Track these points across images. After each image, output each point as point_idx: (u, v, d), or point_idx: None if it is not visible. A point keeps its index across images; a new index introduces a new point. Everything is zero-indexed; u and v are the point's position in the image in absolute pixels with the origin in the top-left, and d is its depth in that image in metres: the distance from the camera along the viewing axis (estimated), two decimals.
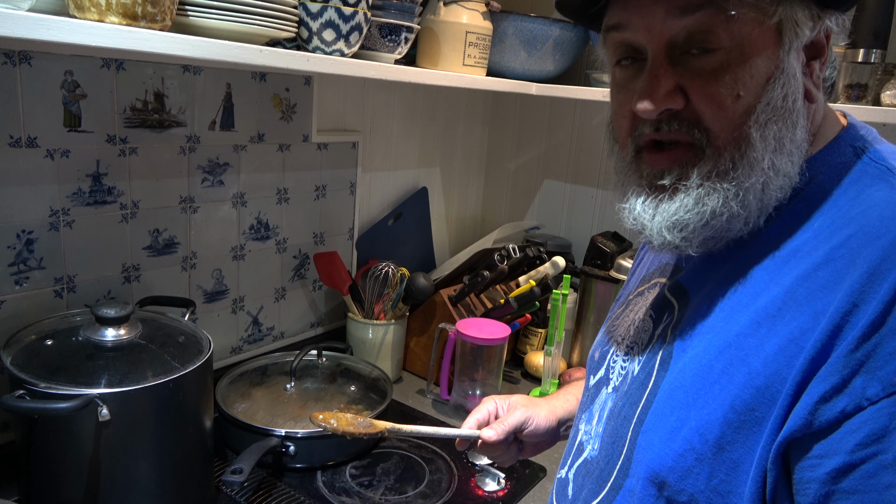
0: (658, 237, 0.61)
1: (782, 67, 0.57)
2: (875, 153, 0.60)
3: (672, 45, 0.57)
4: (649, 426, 0.61)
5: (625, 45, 0.61)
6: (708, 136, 0.58)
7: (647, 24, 0.57)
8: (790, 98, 0.57)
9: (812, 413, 0.51)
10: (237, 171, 1.32)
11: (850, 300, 0.51)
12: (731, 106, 0.56)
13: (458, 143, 1.93)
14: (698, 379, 0.58)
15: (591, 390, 0.77)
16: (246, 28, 0.88)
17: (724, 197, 0.57)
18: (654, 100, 0.57)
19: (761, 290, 0.58)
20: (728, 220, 0.58)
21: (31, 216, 1.03)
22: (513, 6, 1.53)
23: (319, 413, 0.81)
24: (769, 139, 0.57)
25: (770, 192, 0.58)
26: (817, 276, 0.54)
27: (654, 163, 0.61)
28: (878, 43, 1.17)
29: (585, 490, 0.70)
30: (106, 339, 0.91)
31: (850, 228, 0.55)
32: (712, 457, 0.56)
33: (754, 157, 0.57)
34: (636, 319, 0.73)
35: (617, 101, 0.64)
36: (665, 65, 0.57)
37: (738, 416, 0.55)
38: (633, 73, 0.61)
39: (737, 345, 0.57)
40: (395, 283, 1.45)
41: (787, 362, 0.53)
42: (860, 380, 0.49)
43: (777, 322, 0.55)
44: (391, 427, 0.83)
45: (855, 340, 0.50)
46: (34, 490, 0.88)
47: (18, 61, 0.97)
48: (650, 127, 0.60)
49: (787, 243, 0.58)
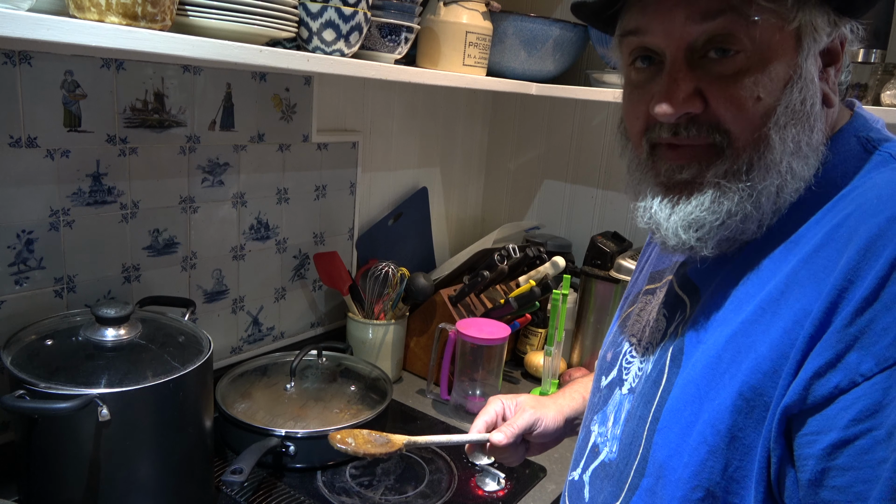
0: (673, 237, 0.61)
1: (800, 72, 0.57)
2: (879, 142, 0.61)
3: (691, 48, 0.57)
4: (664, 424, 0.61)
5: (641, 48, 0.61)
6: (729, 138, 0.58)
7: (667, 29, 0.57)
8: (808, 102, 0.57)
9: (807, 388, 0.51)
10: (237, 171, 1.32)
11: (846, 277, 0.51)
12: (752, 108, 0.56)
13: (458, 143, 1.93)
14: (708, 371, 0.58)
15: (604, 391, 0.77)
16: (246, 28, 0.88)
17: (739, 197, 0.58)
18: (673, 103, 0.57)
19: (767, 278, 0.58)
20: (742, 221, 0.59)
21: (31, 216, 1.03)
22: (513, 6, 1.53)
23: (337, 433, 0.82)
24: (788, 142, 0.57)
25: (784, 195, 0.59)
26: (818, 257, 0.54)
27: (672, 159, 0.60)
28: (878, 43, 1.17)
29: (604, 493, 0.69)
30: (106, 339, 0.91)
31: (849, 209, 0.55)
32: (725, 447, 0.56)
33: (772, 160, 0.57)
34: (650, 320, 0.72)
35: (630, 102, 0.64)
36: (684, 68, 0.57)
37: (747, 403, 0.55)
38: (650, 76, 0.61)
39: (743, 332, 0.57)
40: (395, 283, 1.45)
41: (791, 343, 0.53)
42: (854, 355, 0.50)
43: (781, 306, 0.55)
44: (408, 441, 0.83)
45: (849, 316, 0.50)
46: (34, 490, 0.88)
47: (18, 61, 0.97)
48: (668, 131, 0.59)
49: (794, 234, 0.59)
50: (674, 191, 0.61)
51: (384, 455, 0.82)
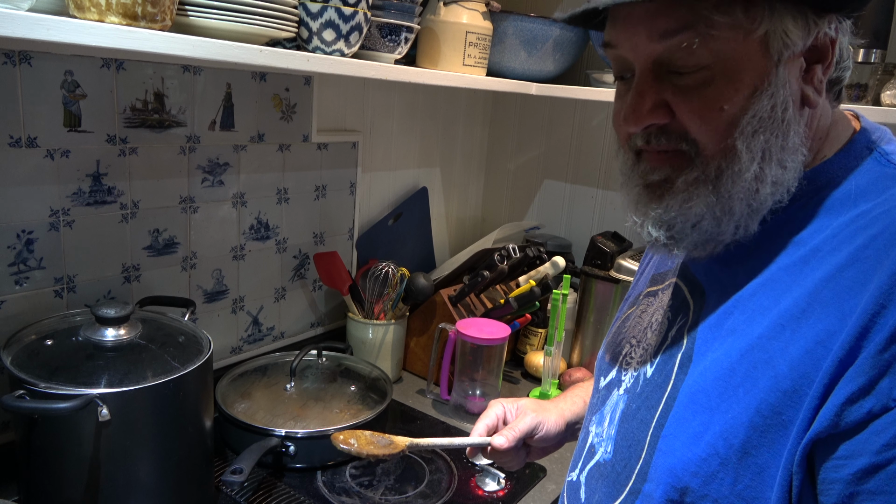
0: (647, 234, 0.63)
1: (770, 79, 0.57)
2: (893, 155, 0.61)
3: (658, 62, 0.59)
4: (670, 430, 0.61)
5: (620, 59, 0.63)
6: (697, 147, 0.59)
7: (633, 45, 0.60)
8: (780, 107, 0.58)
9: (839, 414, 0.51)
10: (237, 171, 1.32)
11: (877, 301, 0.51)
12: (716, 119, 0.58)
13: (458, 143, 1.93)
14: (721, 382, 0.58)
15: (602, 392, 0.77)
16: (246, 28, 0.88)
17: (706, 202, 0.59)
18: (637, 116, 0.60)
19: (783, 291, 0.58)
20: (716, 225, 0.60)
21: (31, 216, 1.03)
22: (513, 6, 1.53)
23: (340, 434, 0.82)
24: (755, 150, 0.58)
25: (760, 199, 0.59)
26: (843, 278, 0.54)
27: (650, 161, 0.63)
28: (878, 43, 1.17)
29: (599, 493, 0.69)
30: (106, 339, 0.91)
31: (874, 229, 0.55)
32: (737, 461, 0.56)
33: (739, 168, 0.58)
34: (653, 322, 0.72)
35: (615, 111, 0.66)
36: (650, 81, 0.59)
37: (764, 420, 0.55)
38: (627, 88, 0.63)
39: (760, 347, 0.57)
40: (395, 283, 1.45)
41: (814, 364, 0.53)
42: (887, 381, 0.49)
43: (801, 324, 0.55)
44: (410, 443, 0.83)
45: (883, 342, 0.50)
46: (34, 490, 0.88)
47: (18, 61, 0.97)
48: (641, 139, 0.62)
49: (806, 243, 0.59)
50: (649, 190, 0.63)
51: (386, 456, 0.82)
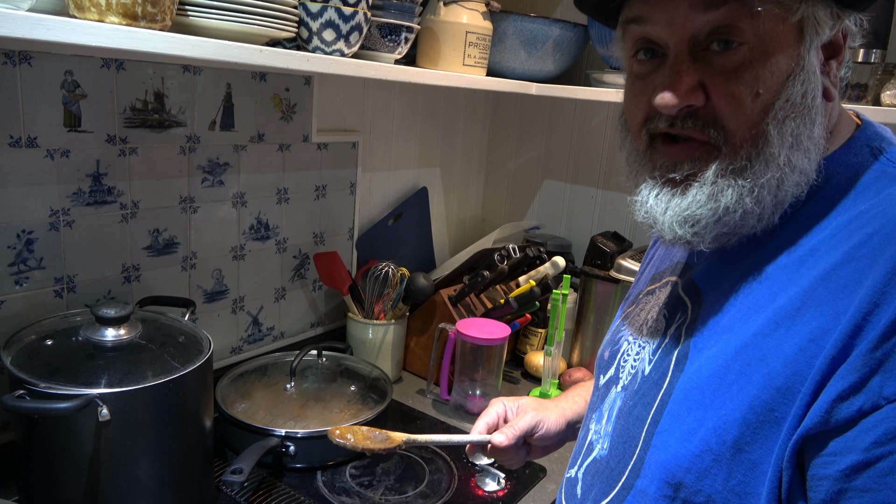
0: (669, 231, 0.61)
1: (802, 64, 0.57)
2: (893, 153, 0.61)
3: (694, 40, 0.57)
4: (665, 426, 0.61)
5: (644, 39, 0.61)
6: (724, 135, 0.58)
7: (670, 19, 0.57)
8: (809, 95, 0.57)
9: (829, 411, 0.51)
10: (237, 171, 1.32)
11: (871, 300, 0.51)
12: (751, 105, 0.56)
13: (458, 143, 1.93)
14: (715, 379, 0.58)
15: (601, 389, 0.77)
16: (246, 28, 0.88)
17: (738, 193, 0.58)
18: (676, 94, 0.57)
19: (779, 290, 0.58)
20: (742, 217, 0.58)
21: (31, 216, 1.03)
22: (513, 6, 1.53)
23: (336, 428, 0.82)
24: (786, 136, 0.57)
25: (785, 189, 0.58)
26: (838, 276, 0.54)
27: (668, 155, 0.61)
28: (878, 43, 1.16)
29: (595, 489, 0.69)
30: (106, 339, 0.91)
31: (870, 227, 0.55)
32: (730, 457, 0.56)
33: (771, 154, 0.57)
34: (649, 319, 0.72)
35: (632, 93, 0.64)
36: (687, 60, 0.57)
37: (757, 417, 0.55)
38: (653, 68, 0.61)
39: (754, 345, 0.57)
40: (395, 283, 1.45)
41: (807, 362, 0.53)
42: (878, 379, 0.49)
43: (796, 322, 0.55)
44: (407, 439, 0.83)
45: (875, 340, 0.50)
46: (34, 490, 0.88)
47: (18, 61, 0.97)
48: (665, 122, 0.59)
49: (804, 242, 0.59)
50: (670, 184, 0.61)
51: (383, 451, 0.82)
